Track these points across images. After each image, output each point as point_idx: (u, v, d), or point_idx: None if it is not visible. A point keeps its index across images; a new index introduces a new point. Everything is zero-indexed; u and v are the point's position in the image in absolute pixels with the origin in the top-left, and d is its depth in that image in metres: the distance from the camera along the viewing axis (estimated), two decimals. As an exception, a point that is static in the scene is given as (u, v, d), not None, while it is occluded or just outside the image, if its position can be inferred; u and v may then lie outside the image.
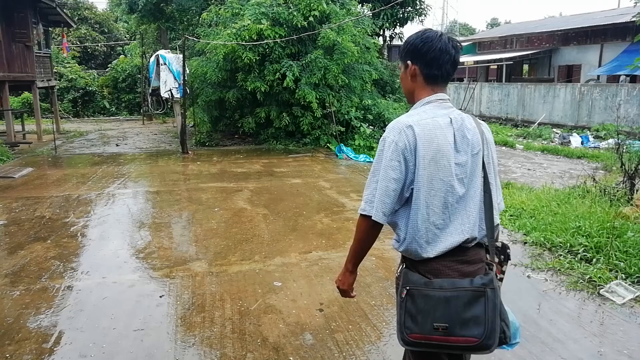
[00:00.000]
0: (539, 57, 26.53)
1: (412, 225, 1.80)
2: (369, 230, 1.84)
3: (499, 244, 1.93)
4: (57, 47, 23.91)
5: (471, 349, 1.69)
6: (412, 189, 1.78)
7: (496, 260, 1.90)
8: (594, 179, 6.97)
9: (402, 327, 1.75)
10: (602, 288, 3.92)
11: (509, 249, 1.95)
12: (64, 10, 16.78)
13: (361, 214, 1.84)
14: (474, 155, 1.84)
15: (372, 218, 1.80)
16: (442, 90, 1.91)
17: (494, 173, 1.92)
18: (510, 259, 1.97)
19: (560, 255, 4.63)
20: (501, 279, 1.91)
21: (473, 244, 1.83)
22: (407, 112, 1.95)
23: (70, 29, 26.44)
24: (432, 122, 1.79)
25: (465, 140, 1.83)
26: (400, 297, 1.79)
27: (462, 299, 1.68)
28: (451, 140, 1.80)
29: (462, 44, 34.03)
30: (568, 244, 4.73)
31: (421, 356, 1.84)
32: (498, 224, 1.92)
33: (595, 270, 4.17)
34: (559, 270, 4.34)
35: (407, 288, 1.76)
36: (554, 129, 19.36)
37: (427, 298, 1.71)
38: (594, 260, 4.38)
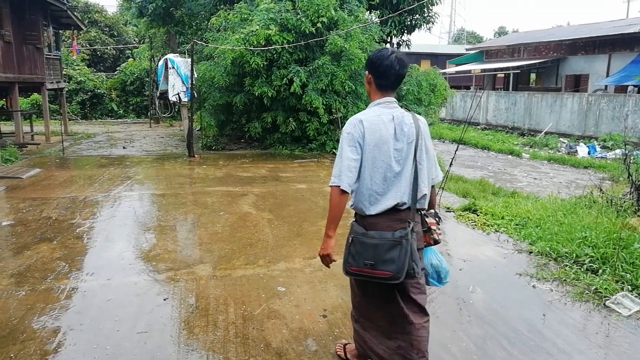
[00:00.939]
0: (546, 66, 26.47)
1: (360, 192, 2.50)
2: (339, 198, 2.46)
3: (432, 211, 2.71)
4: (67, 50, 24.14)
5: (387, 279, 2.38)
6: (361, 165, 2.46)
7: (434, 221, 2.65)
8: (601, 190, 6.94)
9: (345, 262, 2.51)
10: (608, 299, 3.89)
11: (433, 214, 2.70)
12: (75, 13, 16.93)
13: (332, 186, 2.47)
14: (409, 143, 2.47)
15: (341, 187, 2.43)
16: (390, 94, 2.56)
17: (425, 156, 2.53)
18: (438, 219, 2.71)
19: (566, 265, 4.60)
20: (439, 234, 2.67)
21: (404, 208, 2.49)
22: None
23: (81, 32, 26.71)
24: (377, 118, 2.47)
25: (403, 132, 2.47)
26: (347, 242, 2.52)
27: (385, 245, 2.39)
28: (392, 132, 2.46)
29: (470, 52, 34.13)
30: (574, 255, 4.70)
31: (357, 282, 2.63)
32: (426, 194, 2.55)
33: (601, 281, 4.14)
34: (564, 280, 4.32)
35: (352, 236, 2.50)
36: (561, 139, 19.30)
37: (363, 244, 2.44)
38: (600, 271, 4.35)
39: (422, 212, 2.61)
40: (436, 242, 2.66)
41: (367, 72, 2.59)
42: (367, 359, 2.75)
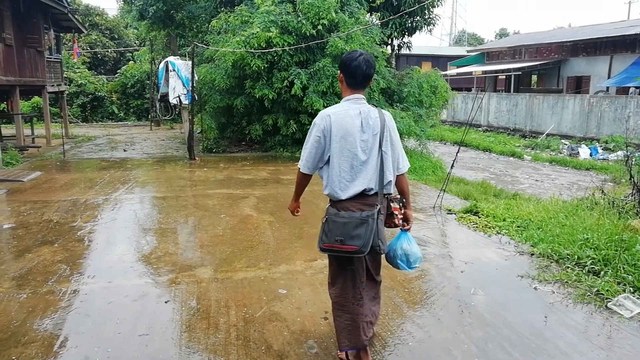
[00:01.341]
0: (547, 67, 26.47)
1: (330, 178, 2.81)
2: (301, 178, 2.99)
3: (398, 197, 3.00)
4: (68, 53, 24.18)
5: (353, 253, 2.67)
6: (328, 156, 2.80)
7: (397, 206, 2.96)
8: (603, 191, 6.93)
9: (320, 239, 2.77)
10: (609, 301, 3.88)
11: (398, 199, 3.00)
12: (76, 17, 16.96)
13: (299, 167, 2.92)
14: (374, 135, 2.77)
15: (301, 170, 2.90)
16: (359, 92, 2.86)
17: (390, 147, 2.83)
18: (404, 204, 2.99)
19: (568, 267, 4.59)
20: (400, 219, 2.96)
21: (371, 193, 2.79)
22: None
23: (81, 35, 26.74)
24: (344, 113, 2.79)
25: (369, 125, 2.77)
26: (322, 222, 2.80)
27: (353, 223, 2.67)
28: (358, 125, 2.76)
29: (471, 53, 34.15)
30: (576, 256, 4.69)
31: (332, 258, 2.91)
32: (391, 181, 2.85)
33: (603, 283, 4.13)
34: (566, 282, 4.31)
35: (326, 217, 2.79)
36: (563, 140, 19.30)
37: (334, 223, 2.72)
38: (602, 273, 4.34)
39: (388, 197, 2.91)
40: (396, 225, 2.97)
41: (339, 71, 2.92)
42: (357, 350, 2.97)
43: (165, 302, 3.88)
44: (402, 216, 2.98)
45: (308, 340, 3.32)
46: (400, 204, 2.98)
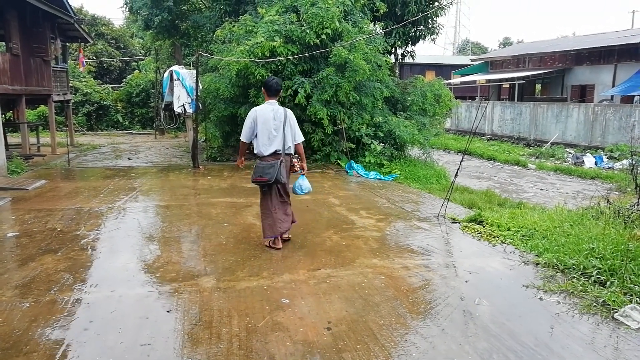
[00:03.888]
0: (551, 76, 26.47)
1: (257, 144, 5.27)
2: (243, 145, 5.55)
3: (296, 155, 5.52)
4: (74, 62, 24.36)
5: (266, 182, 5.16)
6: (257, 133, 5.22)
7: (295, 160, 5.51)
8: (608, 200, 6.88)
9: (252, 176, 5.24)
10: (616, 312, 3.83)
11: (297, 157, 5.57)
12: (82, 26, 17.12)
13: (240, 139, 5.44)
14: (280, 122, 5.22)
15: (242, 140, 5.40)
16: (273, 98, 5.35)
17: (289, 129, 5.29)
18: (299, 159, 5.56)
19: (573, 277, 4.55)
20: (298, 166, 5.55)
21: (279, 152, 5.22)
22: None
23: (87, 44, 26.96)
24: (265, 109, 5.25)
25: (277, 117, 5.23)
26: (254, 167, 5.24)
27: (267, 166, 5.17)
28: (272, 116, 5.20)
29: (474, 62, 34.16)
30: (581, 266, 4.65)
31: (261, 189, 5.39)
32: (290, 146, 5.32)
33: (609, 293, 4.09)
34: (572, 292, 4.26)
35: (255, 165, 5.24)
36: (567, 149, 19.25)
37: (258, 167, 5.21)
38: (608, 283, 4.29)
39: (290, 155, 5.36)
40: (295, 171, 5.50)
41: (262, 87, 5.55)
42: (275, 238, 5.32)
43: (168, 312, 3.87)
44: (299, 166, 5.47)
45: (311, 350, 3.29)
46: (297, 160, 5.48)
